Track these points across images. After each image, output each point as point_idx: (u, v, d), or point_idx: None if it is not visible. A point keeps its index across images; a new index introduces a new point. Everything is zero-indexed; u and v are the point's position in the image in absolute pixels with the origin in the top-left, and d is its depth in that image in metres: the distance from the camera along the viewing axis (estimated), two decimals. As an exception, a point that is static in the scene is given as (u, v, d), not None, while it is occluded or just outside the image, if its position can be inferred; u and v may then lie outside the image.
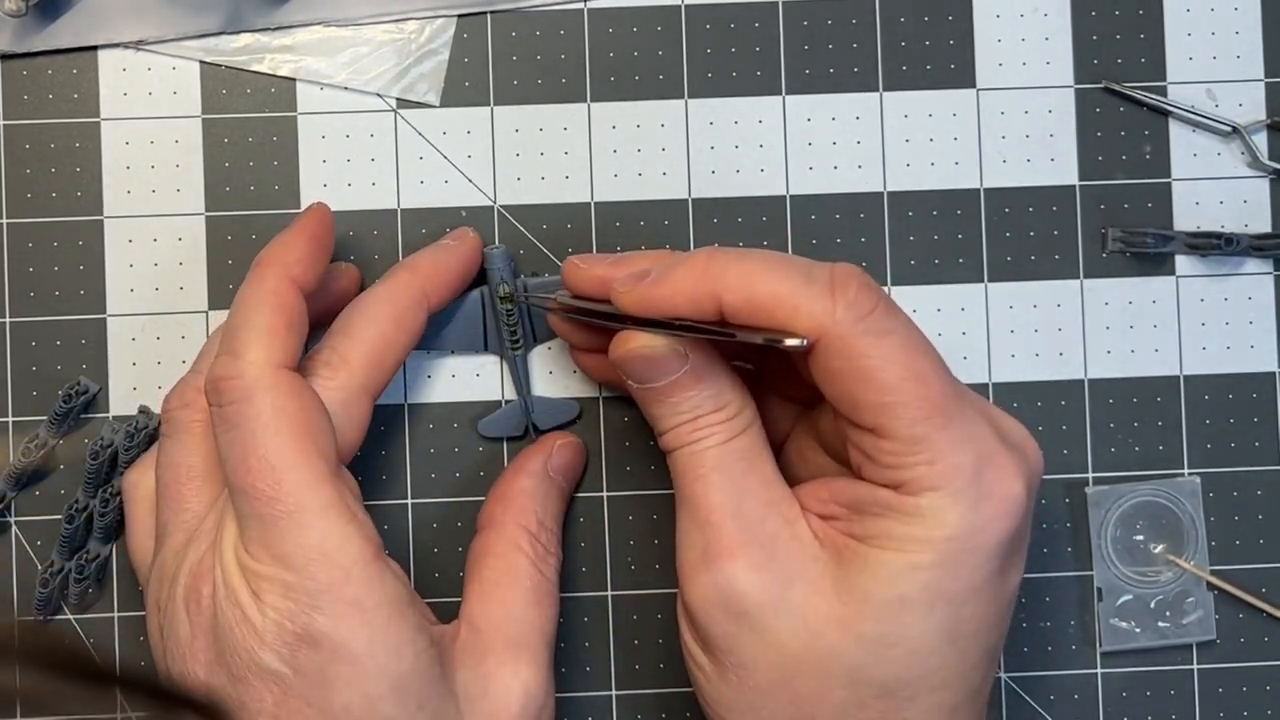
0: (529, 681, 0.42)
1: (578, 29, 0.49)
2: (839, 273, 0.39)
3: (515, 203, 0.48)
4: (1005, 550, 0.39)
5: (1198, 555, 0.49)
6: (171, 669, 0.41)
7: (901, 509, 0.39)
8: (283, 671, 0.39)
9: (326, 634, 0.39)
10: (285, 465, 0.39)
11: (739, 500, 0.40)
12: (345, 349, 0.43)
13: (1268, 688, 0.49)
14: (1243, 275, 0.49)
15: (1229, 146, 0.49)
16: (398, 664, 0.39)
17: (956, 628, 0.39)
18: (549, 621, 0.44)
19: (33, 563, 0.48)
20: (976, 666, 0.40)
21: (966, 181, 0.49)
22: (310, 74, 0.48)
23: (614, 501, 0.48)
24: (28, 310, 0.48)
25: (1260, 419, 0.49)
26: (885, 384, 0.38)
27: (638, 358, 0.41)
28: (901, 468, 0.39)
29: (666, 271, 0.40)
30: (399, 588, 0.40)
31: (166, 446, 0.44)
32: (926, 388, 0.38)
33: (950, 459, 0.38)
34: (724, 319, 0.40)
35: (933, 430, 0.38)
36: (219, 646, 0.40)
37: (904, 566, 0.39)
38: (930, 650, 0.39)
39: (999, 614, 0.40)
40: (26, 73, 0.48)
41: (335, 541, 0.39)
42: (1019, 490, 0.39)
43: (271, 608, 0.39)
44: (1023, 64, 0.49)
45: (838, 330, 0.38)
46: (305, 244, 0.43)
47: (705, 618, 0.40)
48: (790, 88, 0.49)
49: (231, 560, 0.40)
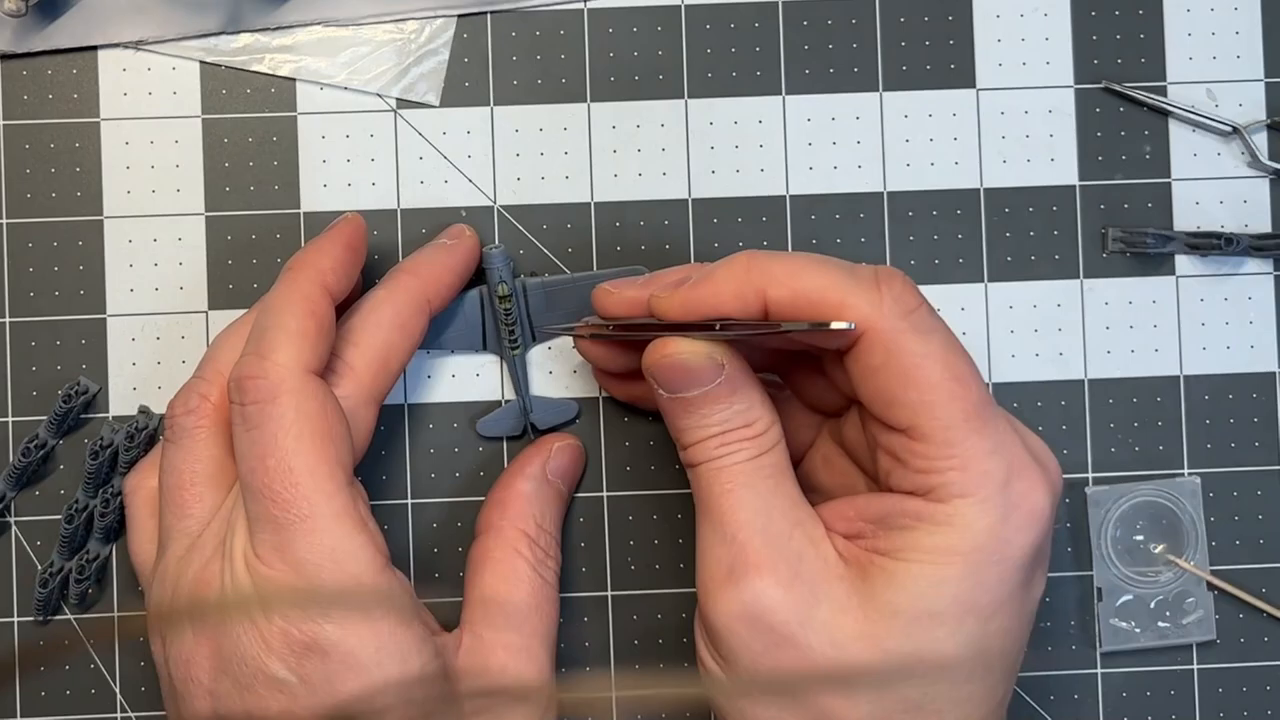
0: (531, 687, 0.42)
1: (578, 29, 0.49)
2: (883, 270, 0.39)
3: (515, 203, 0.48)
4: (1031, 562, 0.39)
5: (1198, 555, 0.49)
6: (174, 674, 0.41)
7: (931, 517, 0.39)
8: (289, 680, 0.39)
9: (335, 642, 0.39)
10: (303, 469, 0.39)
11: (766, 517, 0.40)
12: (351, 356, 0.43)
13: (1268, 688, 0.49)
14: (1243, 275, 0.49)
15: (1229, 146, 0.49)
16: (404, 673, 0.39)
17: (983, 642, 0.39)
18: (550, 625, 0.44)
19: (33, 563, 0.48)
20: (1001, 680, 0.40)
21: (966, 181, 0.49)
22: (310, 74, 0.48)
23: (614, 501, 0.48)
24: (28, 310, 0.48)
25: (1260, 419, 0.49)
26: (925, 382, 0.38)
27: (675, 365, 0.41)
28: (933, 472, 0.38)
29: (708, 274, 0.41)
30: (405, 597, 0.40)
31: (170, 451, 0.43)
32: (965, 390, 0.39)
33: (981, 466, 0.38)
34: (767, 316, 0.40)
35: (967, 435, 0.38)
36: (223, 654, 0.40)
37: (932, 580, 0.38)
38: (958, 665, 0.39)
39: (1022, 628, 0.40)
40: (26, 73, 0.48)
41: (346, 549, 0.39)
42: (1045, 503, 0.39)
43: (279, 614, 0.39)
44: (1023, 64, 0.49)
45: (883, 324, 0.38)
46: (340, 252, 0.43)
47: (730, 635, 0.40)
48: (790, 88, 0.49)
49: (241, 564, 0.40)
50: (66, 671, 0.48)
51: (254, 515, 0.40)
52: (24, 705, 0.48)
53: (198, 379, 0.44)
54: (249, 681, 0.39)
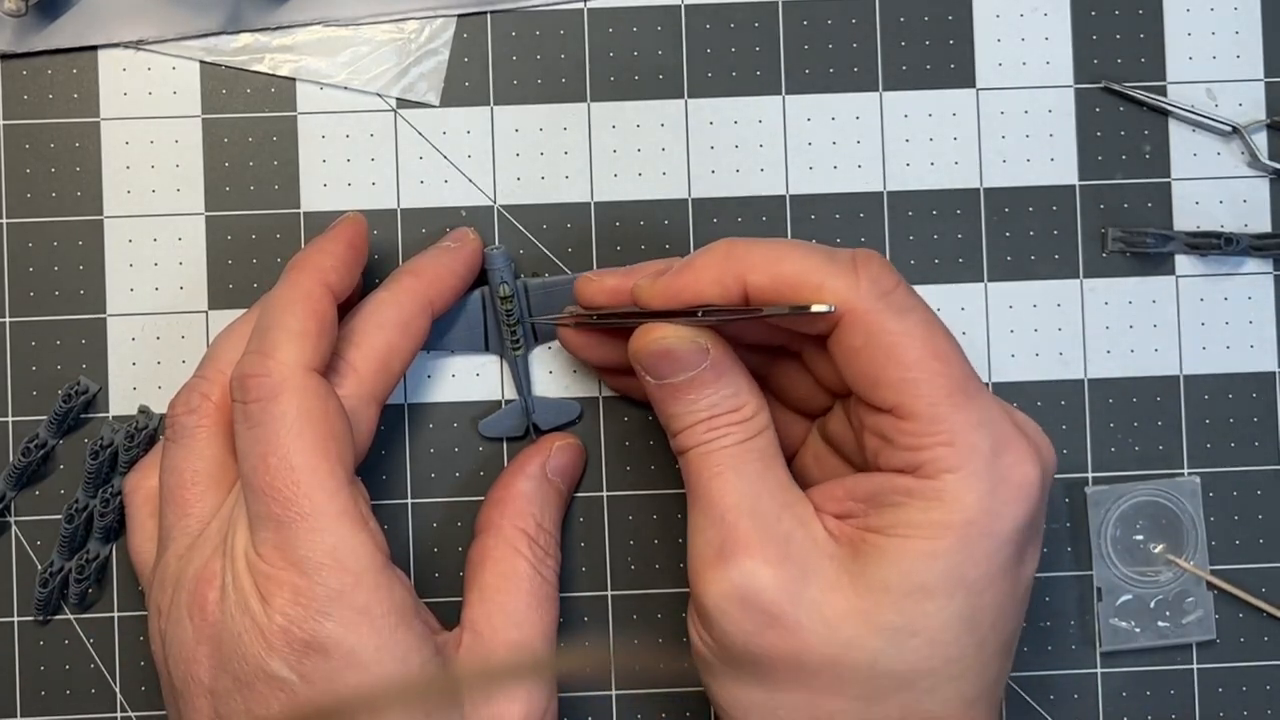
0: (532, 686, 0.42)
1: (578, 29, 0.49)
2: (860, 253, 0.40)
3: (515, 203, 0.48)
4: (1022, 537, 0.40)
5: (1197, 555, 0.49)
6: (174, 673, 0.41)
7: (920, 493, 0.39)
8: (290, 678, 0.39)
9: (336, 641, 0.39)
10: (305, 467, 0.39)
11: (754, 499, 0.40)
12: (353, 357, 0.43)
13: (1268, 687, 0.49)
14: (1242, 275, 0.49)
15: (1229, 146, 0.49)
16: (404, 672, 0.39)
17: (975, 616, 0.39)
18: (550, 624, 0.44)
19: (33, 563, 0.48)
20: (994, 657, 0.40)
21: (966, 181, 0.49)
22: (310, 74, 0.48)
23: (614, 501, 0.48)
24: (28, 310, 0.48)
25: (1260, 419, 0.49)
26: (907, 360, 0.39)
27: (659, 350, 0.41)
28: (920, 449, 0.39)
29: (689, 261, 0.41)
30: (406, 596, 0.40)
31: (171, 451, 0.43)
32: (947, 366, 0.39)
33: (968, 439, 0.39)
34: (748, 302, 0.40)
35: (952, 410, 0.39)
36: (223, 653, 0.40)
37: (923, 554, 0.39)
38: (950, 640, 0.39)
39: (1015, 604, 0.41)
40: (26, 73, 0.48)
41: (348, 548, 0.39)
42: (1034, 475, 0.39)
43: (280, 612, 0.39)
44: (1022, 64, 0.49)
45: (862, 305, 0.39)
46: (343, 251, 0.43)
47: (721, 615, 0.40)
48: (790, 88, 0.49)
49: (242, 562, 0.40)
50: (66, 671, 0.48)
51: (255, 513, 0.40)
52: (24, 705, 0.48)
53: (199, 378, 0.44)
54: (249, 679, 0.39)
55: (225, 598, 0.40)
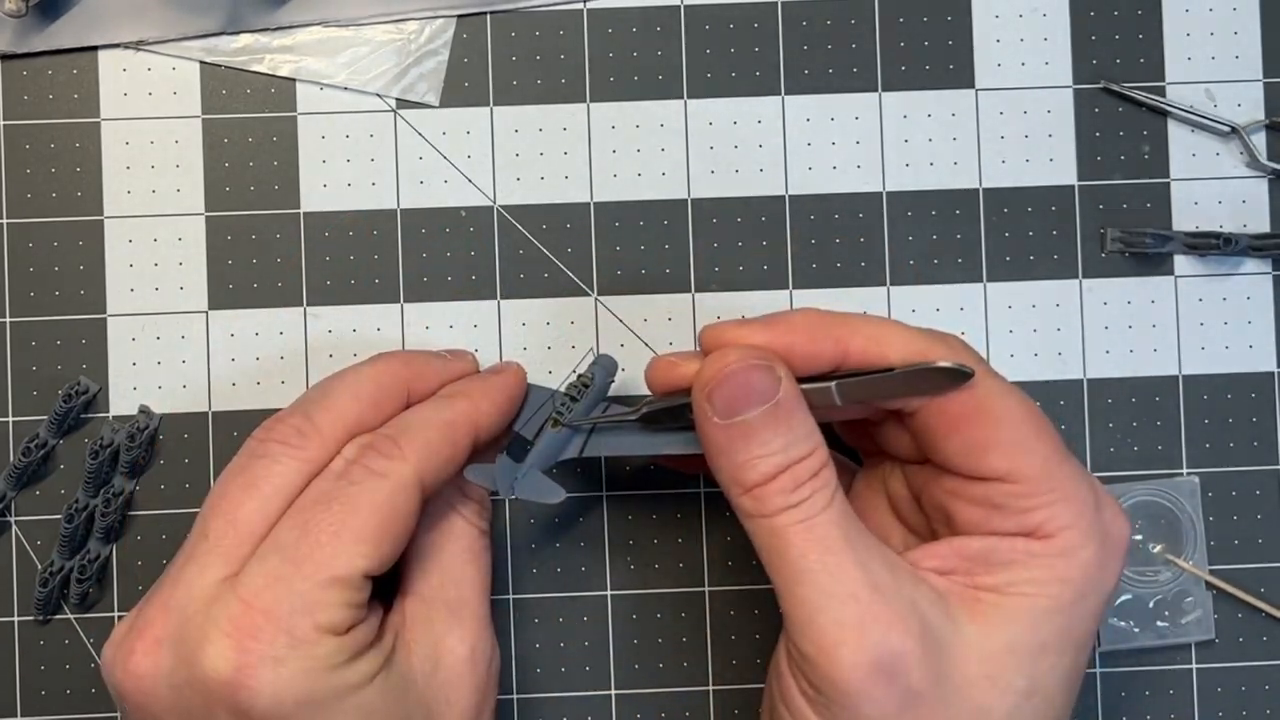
0: (475, 643, 0.42)
1: (577, 29, 0.49)
2: (938, 330, 0.40)
3: (515, 203, 0.49)
4: (1115, 593, 0.40)
5: (1196, 555, 0.49)
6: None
7: (1041, 551, 0.38)
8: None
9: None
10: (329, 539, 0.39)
11: (866, 567, 0.38)
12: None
13: (1267, 687, 0.49)
14: (1241, 275, 0.49)
15: (1228, 146, 0.49)
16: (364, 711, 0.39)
17: (1072, 674, 0.39)
18: (484, 575, 0.43)
19: (33, 563, 0.48)
20: (1067, 712, 0.40)
21: (965, 181, 0.49)
22: (310, 74, 0.48)
23: (614, 501, 0.48)
24: (28, 310, 0.48)
25: (1259, 419, 0.49)
26: (1016, 420, 0.39)
27: (731, 374, 0.39)
28: (1036, 509, 0.38)
29: (778, 315, 0.40)
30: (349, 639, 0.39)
31: (273, 467, 0.40)
32: (1047, 428, 0.39)
33: (1077, 494, 0.39)
34: (837, 367, 0.40)
35: (1060, 465, 0.39)
36: (184, 706, 0.38)
37: (1045, 611, 0.38)
38: (1060, 699, 0.39)
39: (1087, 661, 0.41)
40: (26, 73, 0.48)
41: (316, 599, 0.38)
42: (1128, 530, 0.40)
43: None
44: (1021, 64, 0.49)
45: None
46: (505, 404, 0.43)
47: (862, 698, 0.38)
48: (790, 88, 0.49)
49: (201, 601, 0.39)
50: (66, 671, 0.48)
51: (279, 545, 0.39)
52: (24, 705, 0.48)
53: (303, 418, 0.41)
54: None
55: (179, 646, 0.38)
